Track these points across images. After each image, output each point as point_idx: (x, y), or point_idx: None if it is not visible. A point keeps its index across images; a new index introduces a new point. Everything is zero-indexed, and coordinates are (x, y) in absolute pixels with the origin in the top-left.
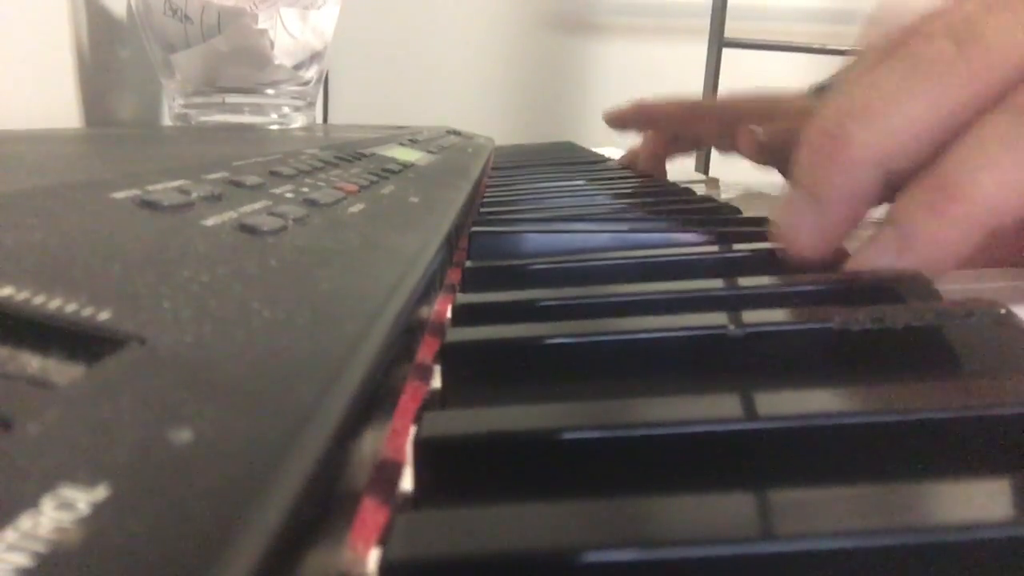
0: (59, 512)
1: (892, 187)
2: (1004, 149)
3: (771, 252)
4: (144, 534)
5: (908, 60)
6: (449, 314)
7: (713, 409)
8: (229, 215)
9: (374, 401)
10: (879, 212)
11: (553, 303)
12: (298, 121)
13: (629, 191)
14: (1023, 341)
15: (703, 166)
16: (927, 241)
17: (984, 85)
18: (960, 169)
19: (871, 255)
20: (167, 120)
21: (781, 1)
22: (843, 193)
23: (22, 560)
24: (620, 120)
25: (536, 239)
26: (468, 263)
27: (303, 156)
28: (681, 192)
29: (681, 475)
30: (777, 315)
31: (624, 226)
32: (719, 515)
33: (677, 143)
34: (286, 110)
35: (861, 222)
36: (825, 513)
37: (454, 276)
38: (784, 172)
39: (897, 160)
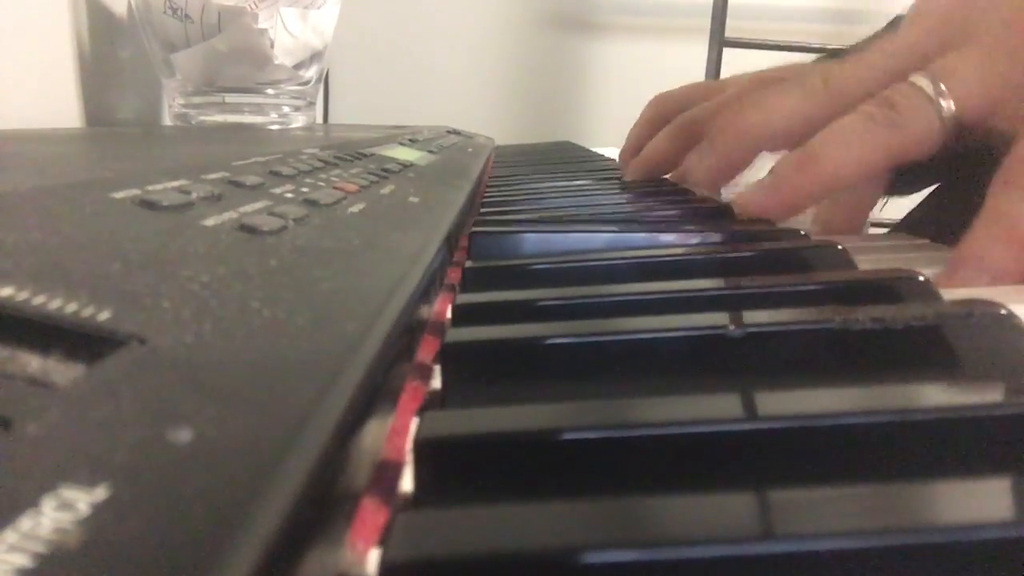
0: (59, 512)
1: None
2: (847, 135)
3: (771, 252)
4: (144, 534)
5: (797, 88)
6: (449, 314)
7: (713, 409)
8: (229, 215)
9: (374, 401)
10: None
11: (553, 303)
12: (298, 121)
13: (629, 191)
14: (1023, 341)
15: None
16: (790, 187)
17: (838, 104)
18: (820, 143)
19: (752, 196)
20: (167, 120)
21: (782, 1)
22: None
23: (23, 560)
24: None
25: (536, 239)
26: (468, 263)
27: (303, 156)
28: (681, 192)
29: (681, 475)
30: (777, 315)
31: (624, 226)
32: (719, 515)
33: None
34: (286, 110)
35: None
36: (825, 513)
37: (454, 276)
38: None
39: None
